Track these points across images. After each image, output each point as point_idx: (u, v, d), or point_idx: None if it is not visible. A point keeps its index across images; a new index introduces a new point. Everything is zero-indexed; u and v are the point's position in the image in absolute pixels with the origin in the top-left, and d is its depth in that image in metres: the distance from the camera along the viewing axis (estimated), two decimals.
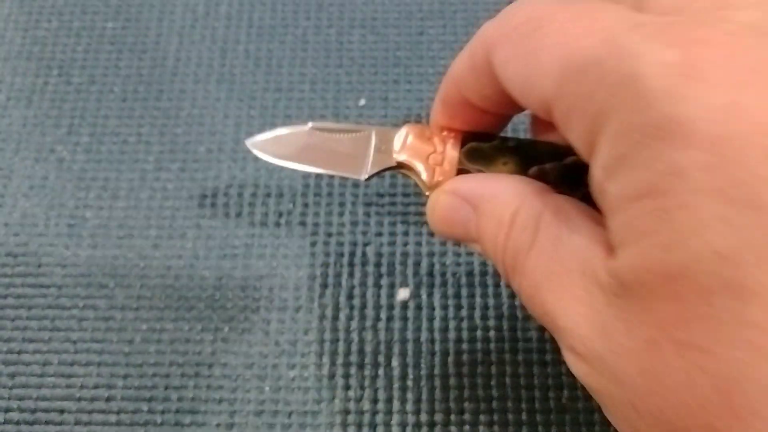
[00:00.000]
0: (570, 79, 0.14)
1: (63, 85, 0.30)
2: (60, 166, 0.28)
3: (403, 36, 0.31)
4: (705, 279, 0.12)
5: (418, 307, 0.26)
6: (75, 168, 0.28)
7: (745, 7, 0.14)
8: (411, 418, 0.24)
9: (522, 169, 0.20)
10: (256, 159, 0.28)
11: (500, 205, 0.17)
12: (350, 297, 0.26)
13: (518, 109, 0.17)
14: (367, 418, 0.24)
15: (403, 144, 0.22)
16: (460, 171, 0.21)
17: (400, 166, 0.22)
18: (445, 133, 0.21)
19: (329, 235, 0.27)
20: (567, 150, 0.19)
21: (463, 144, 0.21)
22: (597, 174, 0.14)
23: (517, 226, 0.17)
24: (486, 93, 0.18)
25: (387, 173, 0.23)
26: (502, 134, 0.22)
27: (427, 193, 0.21)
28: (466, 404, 0.24)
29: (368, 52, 0.30)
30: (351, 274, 0.26)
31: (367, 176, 0.22)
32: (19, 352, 0.25)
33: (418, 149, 0.21)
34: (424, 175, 0.21)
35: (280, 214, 0.27)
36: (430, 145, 0.21)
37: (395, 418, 0.24)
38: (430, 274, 0.26)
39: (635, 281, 0.13)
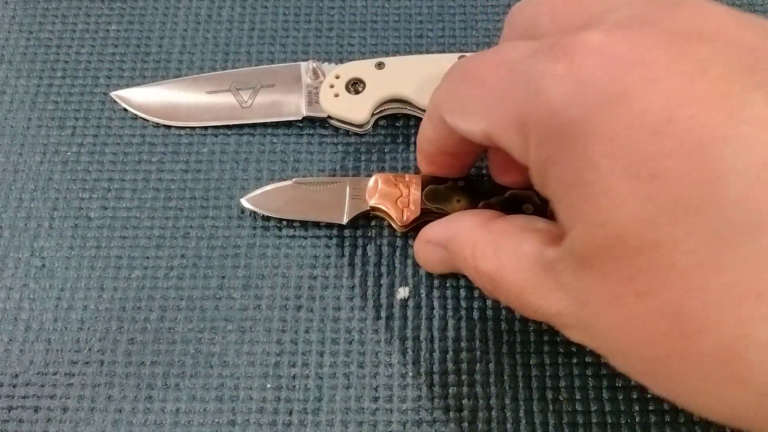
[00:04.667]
0: (494, 107, 0.18)
1: (67, 87, 0.30)
2: (65, 167, 0.29)
3: (402, 39, 0.31)
4: (635, 241, 0.14)
5: (417, 306, 0.26)
6: (79, 169, 0.29)
7: (606, 11, 0.17)
8: (411, 416, 0.24)
9: (472, 204, 0.25)
10: (258, 160, 0.28)
11: (461, 244, 0.21)
12: (350, 296, 0.26)
13: (479, 148, 0.20)
14: (367, 415, 0.24)
15: (374, 190, 0.26)
16: (424, 210, 0.25)
17: (373, 209, 0.26)
18: (407, 178, 0.25)
19: (330, 235, 0.27)
20: (506, 187, 0.24)
21: (423, 187, 0.25)
22: (534, 176, 0.17)
23: (479, 259, 0.20)
24: (450, 141, 0.21)
25: (363, 216, 0.26)
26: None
27: (398, 229, 0.26)
28: (464, 401, 0.24)
29: (368, 55, 0.31)
30: (351, 274, 0.26)
31: (346, 221, 0.26)
32: (22, 351, 0.25)
33: (387, 194, 0.25)
34: (395, 216, 0.25)
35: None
36: (396, 190, 0.25)
37: (395, 416, 0.24)
38: (429, 273, 0.26)
39: (588, 254, 0.16)
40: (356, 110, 0.27)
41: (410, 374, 0.25)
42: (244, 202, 0.27)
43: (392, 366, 0.25)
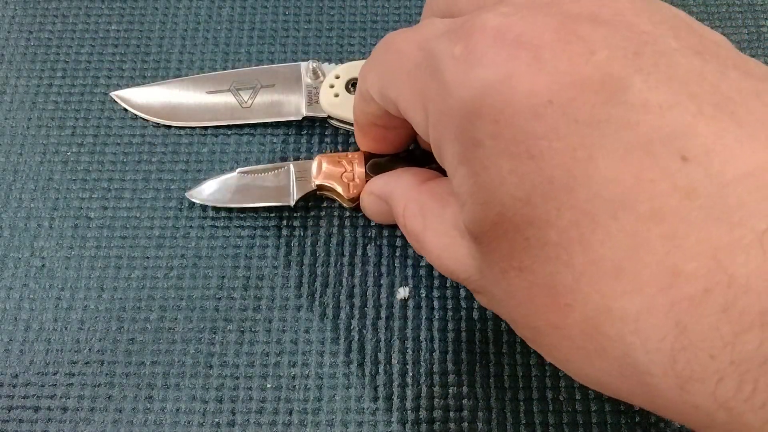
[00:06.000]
0: (404, 82, 0.18)
1: (67, 87, 0.30)
2: (65, 167, 0.29)
3: None
4: (514, 219, 0.15)
5: (417, 306, 0.26)
6: (79, 169, 0.29)
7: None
8: (410, 415, 0.24)
9: None
10: (258, 160, 0.28)
11: (395, 201, 0.22)
12: (350, 296, 0.26)
13: (407, 122, 0.21)
14: (367, 415, 0.24)
15: (319, 170, 0.26)
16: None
17: (320, 188, 0.26)
18: (349, 156, 0.26)
19: (330, 235, 0.27)
20: None
21: (366, 161, 0.26)
22: (434, 152, 0.18)
23: (408, 218, 0.21)
24: (378, 113, 0.22)
25: (311, 196, 0.27)
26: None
27: (346, 205, 0.26)
28: (464, 401, 0.24)
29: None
30: (351, 274, 0.26)
31: (294, 202, 0.26)
32: (22, 351, 0.25)
33: (331, 172, 0.26)
34: (342, 192, 0.26)
35: (282, 215, 0.27)
36: (340, 167, 0.26)
37: (395, 416, 0.24)
38: (429, 273, 0.26)
39: (477, 231, 0.16)
40: None
41: (410, 374, 0.25)
42: (189, 197, 0.27)
43: (392, 366, 0.25)
